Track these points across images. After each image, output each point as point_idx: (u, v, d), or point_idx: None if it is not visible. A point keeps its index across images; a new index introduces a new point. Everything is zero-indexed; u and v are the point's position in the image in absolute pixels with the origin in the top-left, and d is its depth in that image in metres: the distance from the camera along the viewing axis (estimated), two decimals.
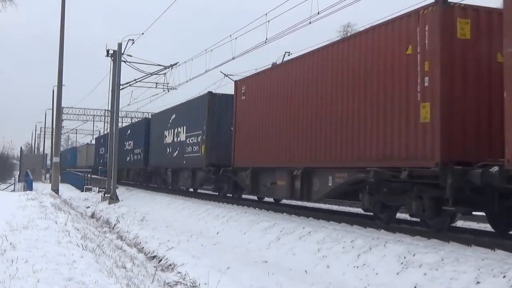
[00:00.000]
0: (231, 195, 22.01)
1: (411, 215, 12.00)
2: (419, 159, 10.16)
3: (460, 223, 13.88)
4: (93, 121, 61.43)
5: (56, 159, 28.79)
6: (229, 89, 33.49)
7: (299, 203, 19.50)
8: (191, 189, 27.49)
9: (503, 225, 10.73)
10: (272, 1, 22.05)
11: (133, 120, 57.40)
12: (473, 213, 12.12)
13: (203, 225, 16.80)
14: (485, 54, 9.94)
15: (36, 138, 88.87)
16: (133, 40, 29.53)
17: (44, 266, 6.59)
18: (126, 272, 7.69)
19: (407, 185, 10.88)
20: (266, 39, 22.53)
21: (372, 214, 12.96)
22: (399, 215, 13.42)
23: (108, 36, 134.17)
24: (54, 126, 37.26)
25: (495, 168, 8.80)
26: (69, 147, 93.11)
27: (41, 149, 78.30)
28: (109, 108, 34.20)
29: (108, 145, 34.27)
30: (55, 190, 26.44)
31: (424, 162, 10.04)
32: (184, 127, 25.22)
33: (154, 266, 9.97)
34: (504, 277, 7.48)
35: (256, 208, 17.79)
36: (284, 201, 20.41)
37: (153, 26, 43.17)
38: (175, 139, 26.56)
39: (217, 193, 23.68)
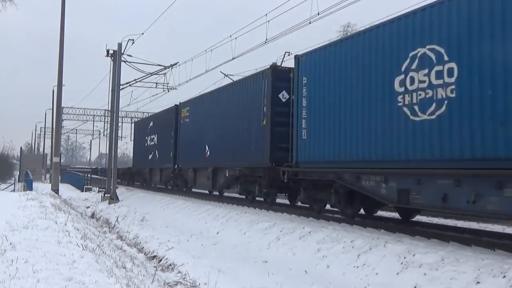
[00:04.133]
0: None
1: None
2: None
3: (460, 223, 13.89)
4: (93, 121, 61.45)
5: (56, 159, 28.79)
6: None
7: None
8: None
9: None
10: (272, 1, 22.09)
11: (133, 120, 57.41)
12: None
13: (203, 225, 16.81)
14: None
15: (36, 138, 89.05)
16: (133, 40, 29.57)
17: (44, 266, 6.60)
18: (126, 272, 7.69)
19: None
20: (266, 39, 22.58)
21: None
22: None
23: (108, 36, 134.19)
24: (54, 126, 37.25)
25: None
26: (69, 147, 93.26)
27: (41, 149, 78.43)
28: (109, 108, 34.22)
29: (108, 145, 34.30)
30: (55, 190, 26.45)
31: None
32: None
33: (154, 266, 9.98)
34: (504, 277, 7.49)
35: (256, 208, 17.79)
36: (285, 201, 20.60)
37: (153, 26, 43.15)
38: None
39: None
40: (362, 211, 14.24)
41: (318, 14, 17.91)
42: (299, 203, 17.55)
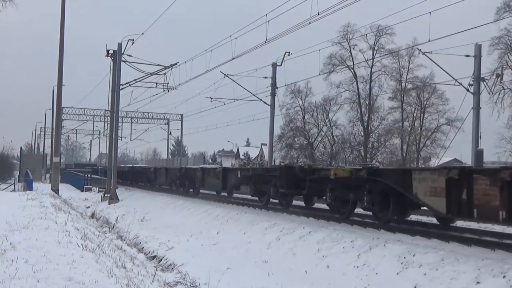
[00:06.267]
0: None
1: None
2: None
3: (460, 223, 13.88)
4: (93, 121, 61.19)
5: (56, 159, 28.78)
6: (229, 89, 33.77)
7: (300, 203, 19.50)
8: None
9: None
10: (272, 1, 22.07)
11: (133, 120, 57.38)
12: None
13: (203, 225, 16.79)
14: None
15: (36, 138, 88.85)
16: (133, 40, 29.50)
17: (44, 266, 6.59)
18: (126, 272, 7.68)
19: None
20: (266, 39, 22.58)
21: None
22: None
23: (108, 36, 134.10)
24: (54, 126, 37.23)
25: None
26: (69, 147, 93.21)
27: (41, 149, 78.33)
28: (109, 108, 34.19)
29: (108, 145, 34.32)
30: (55, 190, 26.44)
31: None
32: None
33: (154, 266, 9.97)
34: (504, 277, 7.49)
35: (256, 208, 17.79)
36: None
37: (153, 26, 43.13)
38: None
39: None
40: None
41: (318, 14, 17.94)
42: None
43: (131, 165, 53.47)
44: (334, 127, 50.78)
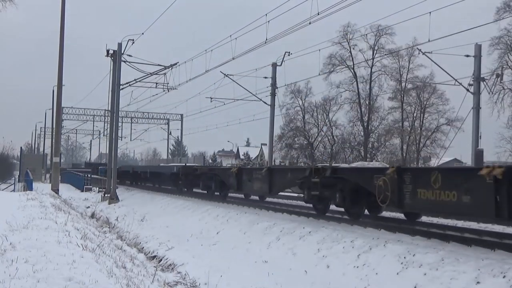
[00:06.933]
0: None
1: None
2: None
3: (460, 223, 13.88)
4: (93, 121, 61.22)
5: (56, 159, 28.79)
6: (229, 89, 33.78)
7: (300, 203, 19.50)
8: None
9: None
10: (272, 1, 22.08)
11: (133, 120, 57.38)
12: None
13: (203, 225, 16.79)
14: None
15: (36, 138, 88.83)
16: (133, 40, 29.51)
17: (44, 266, 6.59)
18: (126, 272, 7.69)
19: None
20: (266, 39, 22.58)
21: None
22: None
23: (108, 36, 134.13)
24: (54, 126, 37.23)
25: None
26: (69, 147, 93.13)
27: (41, 149, 78.32)
28: (109, 108, 34.19)
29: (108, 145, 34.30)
30: (55, 190, 26.44)
31: None
32: None
33: (154, 266, 9.97)
34: (504, 277, 7.49)
35: (256, 208, 17.78)
36: (285, 201, 20.62)
37: (153, 26, 43.12)
38: None
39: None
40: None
41: (318, 14, 17.95)
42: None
43: (150, 165, 45.04)
44: (334, 127, 50.89)
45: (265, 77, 31.93)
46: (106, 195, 30.66)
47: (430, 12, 21.37)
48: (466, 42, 26.42)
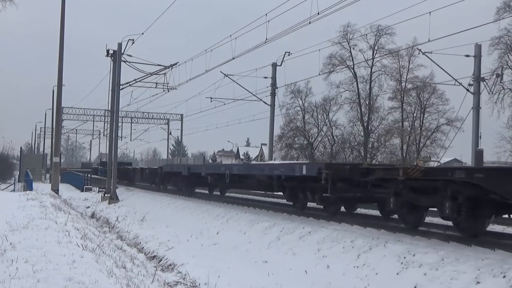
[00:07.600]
0: None
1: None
2: None
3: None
4: (93, 121, 61.12)
5: (56, 159, 28.78)
6: (229, 89, 33.80)
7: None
8: None
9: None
10: (272, 1, 22.07)
11: (133, 120, 57.35)
12: None
13: (203, 225, 16.78)
14: None
15: (36, 138, 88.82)
16: (133, 40, 29.49)
17: (44, 266, 6.59)
18: (126, 272, 7.69)
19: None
20: (266, 39, 22.57)
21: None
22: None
23: (108, 36, 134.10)
24: (54, 126, 37.25)
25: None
26: (69, 147, 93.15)
27: (41, 149, 78.31)
28: (109, 108, 34.19)
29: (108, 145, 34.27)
30: (55, 190, 26.44)
31: None
32: None
33: (154, 266, 9.98)
34: (504, 277, 7.49)
35: (256, 208, 17.78)
36: (285, 201, 20.61)
37: (153, 26, 43.13)
38: None
39: None
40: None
41: (318, 14, 17.95)
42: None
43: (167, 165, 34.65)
44: (334, 127, 50.87)
45: (265, 77, 31.94)
46: (106, 195, 30.66)
47: (430, 12, 21.39)
48: (466, 42, 26.46)
